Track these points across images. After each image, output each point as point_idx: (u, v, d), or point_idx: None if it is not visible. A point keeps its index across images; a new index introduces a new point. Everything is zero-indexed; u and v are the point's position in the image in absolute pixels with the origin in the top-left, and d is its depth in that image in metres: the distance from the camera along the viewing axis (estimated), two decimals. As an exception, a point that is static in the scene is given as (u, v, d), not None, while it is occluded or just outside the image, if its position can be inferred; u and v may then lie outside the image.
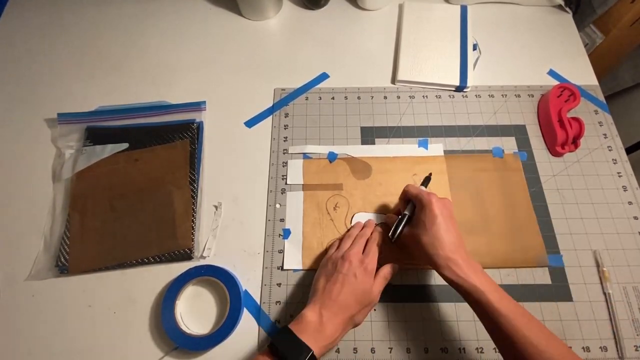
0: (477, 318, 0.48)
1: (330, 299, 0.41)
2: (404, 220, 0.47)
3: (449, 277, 0.41)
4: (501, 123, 0.61)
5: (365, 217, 0.54)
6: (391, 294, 0.50)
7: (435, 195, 0.45)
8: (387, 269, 0.46)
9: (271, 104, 0.64)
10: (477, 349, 0.47)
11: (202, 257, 0.52)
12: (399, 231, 0.47)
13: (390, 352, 0.47)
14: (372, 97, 0.64)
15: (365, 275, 0.43)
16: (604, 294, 0.49)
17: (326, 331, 0.39)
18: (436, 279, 0.51)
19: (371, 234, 0.49)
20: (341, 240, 0.50)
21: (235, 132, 0.62)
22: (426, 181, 0.51)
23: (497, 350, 0.47)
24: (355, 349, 0.47)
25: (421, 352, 0.47)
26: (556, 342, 0.37)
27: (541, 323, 0.38)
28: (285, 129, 0.61)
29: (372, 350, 0.47)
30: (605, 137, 0.59)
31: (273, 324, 0.49)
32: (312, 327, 0.39)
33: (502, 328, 0.37)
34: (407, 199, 0.49)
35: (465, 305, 0.49)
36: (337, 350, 0.47)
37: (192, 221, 0.54)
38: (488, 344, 0.47)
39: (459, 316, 0.49)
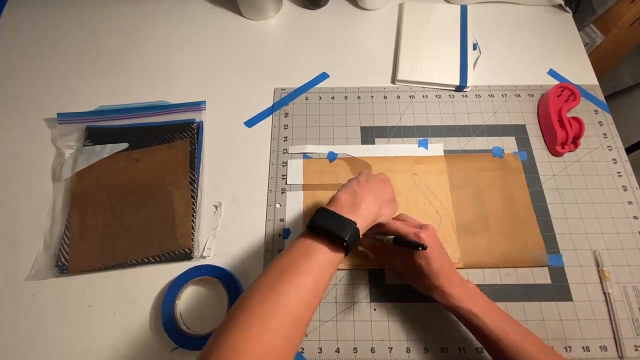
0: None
1: (359, 185, 0.41)
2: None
3: (445, 304, 0.42)
4: (501, 123, 0.61)
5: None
6: (391, 294, 0.50)
7: (422, 230, 0.41)
8: None
9: (271, 104, 0.64)
10: (477, 348, 0.47)
11: (202, 257, 0.52)
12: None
13: (390, 352, 0.47)
14: (372, 97, 0.64)
15: (388, 181, 0.45)
16: (604, 293, 0.49)
17: (361, 208, 0.38)
18: (436, 279, 0.51)
19: None
20: None
21: (235, 132, 0.62)
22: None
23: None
24: (355, 348, 0.47)
25: (421, 352, 0.47)
26: (550, 353, 0.38)
27: (537, 337, 0.39)
28: (285, 128, 0.61)
29: (372, 350, 0.47)
30: (605, 137, 0.59)
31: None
32: (347, 205, 0.38)
33: (501, 349, 0.38)
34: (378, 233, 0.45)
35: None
36: (337, 350, 0.47)
37: (192, 221, 0.54)
38: (488, 343, 0.47)
39: (459, 316, 0.49)
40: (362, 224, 0.38)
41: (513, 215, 0.54)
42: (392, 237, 0.42)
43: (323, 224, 0.36)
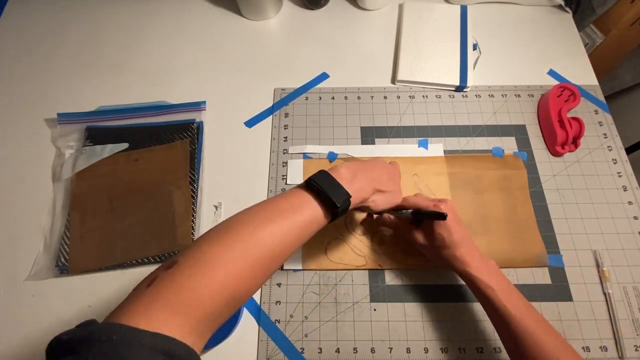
0: (476, 318, 0.49)
1: (361, 167, 0.42)
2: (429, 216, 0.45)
3: (466, 277, 0.43)
4: (501, 123, 0.61)
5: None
6: (391, 294, 0.50)
7: (439, 202, 0.45)
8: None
9: (271, 104, 0.64)
10: (476, 348, 0.47)
11: (202, 257, 0.52)
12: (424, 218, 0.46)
13: (390, 352, 0.47)
14: (372, 97, 0.64)
15: (395, 173, 0.46)
16: (604, 294, 0.49)
17: (355, 186, 0.39)
18: (435, 279, 0.51)
19: None
20: None
21: (235, 132, 0.62)
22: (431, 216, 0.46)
23: (497, 350, 0.47)
24: (355, 349, 0.47)
25: (421, 352, 0.47)
26: (558, 340, 0.38)
27: (547, 323, 0.39)
28: (285, 129, 0.61)
29: (372, 350, 0.47)
30: (605, 137, 0.59)
31: (273, 324, 0.49)
32: (345, 179, 0.39)
33: (510, 327, 0.39)
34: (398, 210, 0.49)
35: (464, 305, 0.49)
36: (337, 350, 0.47)
37: (192, 221, 0.54)
38: (488, 343, 0.47)
39: (459, 316, 0.49)
40: (353, 196, 0.39)
41: (513, 216, 0.54)
42: (411, 210, 0.46)
43: (322, 185, 0.37)
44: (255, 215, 0.34)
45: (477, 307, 0.49)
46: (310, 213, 0.36)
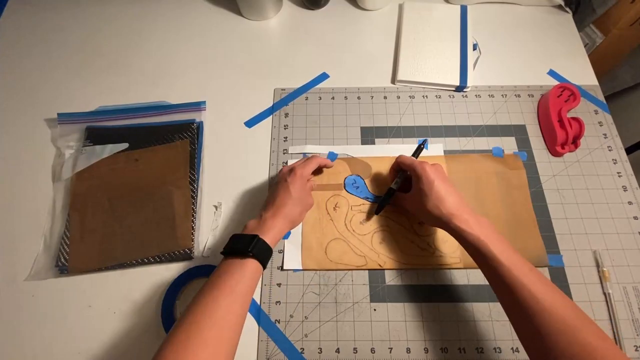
0: (477, 318, 0.49)
1: (269, 203, 0.48)
2: (390, 195, 0.52)
3: (454, 230, 0.42)
4: (501, 123, 0.61)
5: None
6: (391, 294, 0.50)
7: (428, 163, 0.47)
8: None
9: (271, 104, 0.64)
10: (477, 348, 0.47)
11: (202, 257, 0.52)
12: (383, 205, 0.52)
13: (390, 352, 0.47)
14: (372, 97, 0.64)
15: (298, 182, 0.48)
16: (604, 294, 0.49)
17: (266, 224, 0.45)
18: (435, 279, 0.51)
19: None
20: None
21: (235, 132, 0.62)
22: (418, 150, 0.54)
23: (497, 350, 0.47)
24: (355, 349, 0.47)
25: (421, 352, 0.47)
26: (554, 291, 0.37)
27: (542, 274, 0.38)
28: (285, 129, 0.61)
29: (372, 351, 0.47)
30: (605, 137, 0.59)
31: (273, 324, 0.49)
32: (251, 227, 0.45)
33: (502, 278, 0.38)
34: (398, 169, 0.53)
35: (464, 305, 0.49)
36: (337, 350, 0.47)
37: (192, 221, 0.54)
38: (488, 344, 0.47)
39: (459, 316, 0.49)
40: (265, 233, 0.44)
41: (513, 216, 0.54)
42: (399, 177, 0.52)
43: (231, 246, 0.43)
44: (201, 300, 0.38)
45: (478, 307, 0.49)
46: (238, 273, 0.40)
